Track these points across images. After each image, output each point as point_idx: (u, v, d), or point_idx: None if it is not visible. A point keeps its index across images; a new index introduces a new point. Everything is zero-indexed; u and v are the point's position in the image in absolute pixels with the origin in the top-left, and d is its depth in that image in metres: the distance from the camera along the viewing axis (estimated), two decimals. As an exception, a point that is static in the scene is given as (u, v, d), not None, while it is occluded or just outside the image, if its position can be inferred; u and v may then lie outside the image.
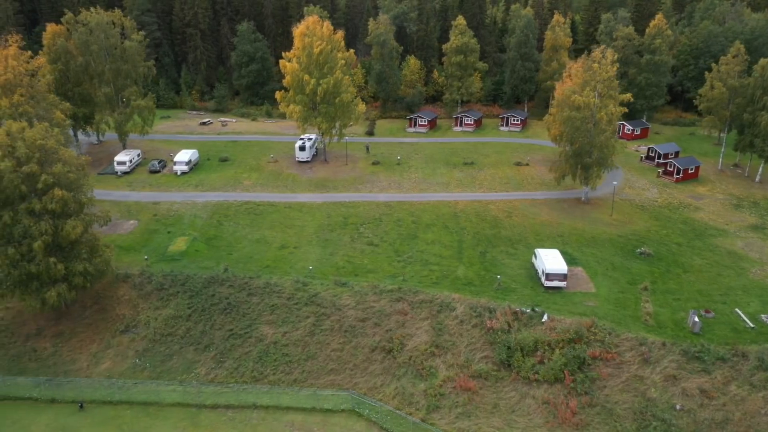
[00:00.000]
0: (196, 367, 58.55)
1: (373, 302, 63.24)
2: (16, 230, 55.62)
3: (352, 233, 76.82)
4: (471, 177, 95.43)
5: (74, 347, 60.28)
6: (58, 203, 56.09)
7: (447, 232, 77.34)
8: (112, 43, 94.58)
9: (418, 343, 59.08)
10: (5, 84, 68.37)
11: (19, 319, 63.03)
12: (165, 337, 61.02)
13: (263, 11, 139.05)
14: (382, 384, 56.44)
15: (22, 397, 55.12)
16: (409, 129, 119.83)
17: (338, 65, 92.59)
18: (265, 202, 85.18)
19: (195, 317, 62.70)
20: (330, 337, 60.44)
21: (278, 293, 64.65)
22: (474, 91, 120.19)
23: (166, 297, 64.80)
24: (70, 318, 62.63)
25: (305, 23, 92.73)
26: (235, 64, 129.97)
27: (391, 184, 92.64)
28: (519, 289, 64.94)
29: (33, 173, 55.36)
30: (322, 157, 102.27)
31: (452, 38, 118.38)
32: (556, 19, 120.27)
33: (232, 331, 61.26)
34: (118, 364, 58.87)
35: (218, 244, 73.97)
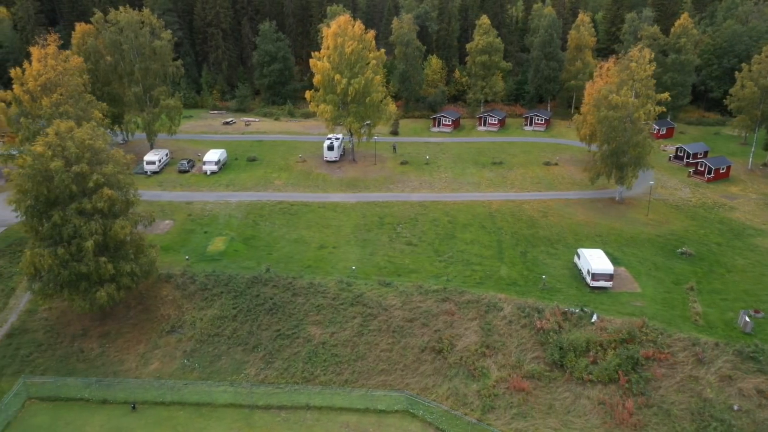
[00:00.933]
0: (245, 367, 58.24)
1: (419, 302, 62.97)
2: (66, 230, 55.25)
3: (389, 233, 76.53)
4: (501, 177, 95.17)
5: (121, 348, 59.97)
6: (107, 203, 55.82)
7: (485, 232, 77.07)
8: (141, 42, 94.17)
9: (468, 343, 58.81)
10: (46, 83, 68.02)
11: (63, 319, 62.73)
12: (212, 338, 60.72)
13: (284, 11, 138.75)
14: (434, 384, 56.17)
15: (74, 397, 54.80)
16: (434, 129, 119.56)
17: (369, 65, 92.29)
18: (299, 202, 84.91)
19: (241, 317, 62.39)
20: (378, 337, 60.15)
21: (323, 293, 64.36)
22: (498, 91, 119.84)
23: (210, 297, 64.50)
24: (115, 318, 62.32)
25: (337, 23, 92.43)
26: (256, 63, 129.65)
27: (423, 184, 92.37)
28: (564, 289, 64.68)
29: (83, 173, 55.03)
30: (351, 157, 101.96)
31: (476, 38, 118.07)
32: (581, 19, 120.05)
33: (280, 331, 60.95)
34: (166, 364, 58.56)
35: (257, 244, 73.67)
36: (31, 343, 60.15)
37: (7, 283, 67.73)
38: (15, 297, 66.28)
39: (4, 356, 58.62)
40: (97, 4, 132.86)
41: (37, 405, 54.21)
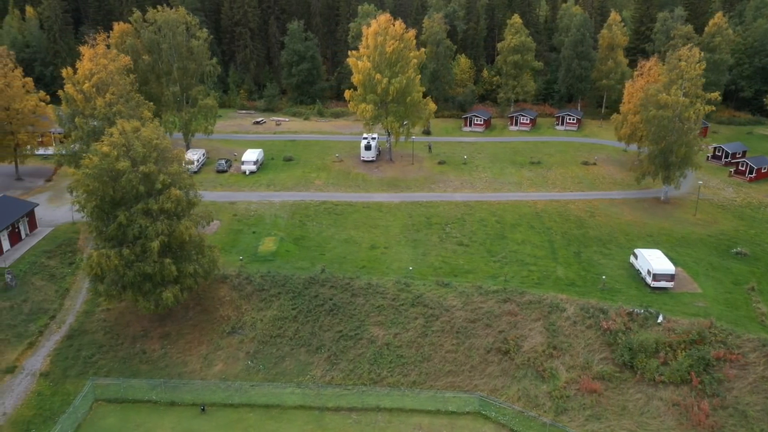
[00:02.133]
0: (310, 369, 57.82)
1: (480, 303, 62.53)
2: (131, 231, 54.81)
3: (438, 233, 76.09)
4: (542, 176, 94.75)
5: (183, 349, 59.50)
6: (173, 203, 55.39)
7: (534, 232, 76.65)
8: (179, 41, 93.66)
9: (534, 344, 58.38)
10: (98, 83, 67.49)
11: (122, 320, 62.27)
12: (274, 339, 60.28)
13: (311, 10, 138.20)
14: (503, 386, 55.76)
15: (141, 399, 54.35)
16: (465, 128, 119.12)
17: (410, 64, 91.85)
18: (343, 202, 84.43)
19: (301, 318, 61.94)
20: (442, 338, 59.72)
21: (382, 294, 63.91)
22: (529, 90, 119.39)
23: (268, 298, 64.04)
24: (174, 319, 61.84)
25: (377, 22, 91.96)
26: (284, 63, 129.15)
27: (464, 184, 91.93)
28: (624, 290, 64.23)
29: (151, 173, 54.58)
30: (387, 157, 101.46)
31: (508, 37, 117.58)
32: (613, 18, 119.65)
33: (342, 332, 60.51)
34: (230, 366, 58.11)
35: (307, 244, 73.21)
36: (92, 344, 59.68)
37: (60, 284, 67.24)
38: (69, 298, 65.83)
39: (66, 358, 58.15)
40: (124, 4, 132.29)
41: (105, 407, 53.73)
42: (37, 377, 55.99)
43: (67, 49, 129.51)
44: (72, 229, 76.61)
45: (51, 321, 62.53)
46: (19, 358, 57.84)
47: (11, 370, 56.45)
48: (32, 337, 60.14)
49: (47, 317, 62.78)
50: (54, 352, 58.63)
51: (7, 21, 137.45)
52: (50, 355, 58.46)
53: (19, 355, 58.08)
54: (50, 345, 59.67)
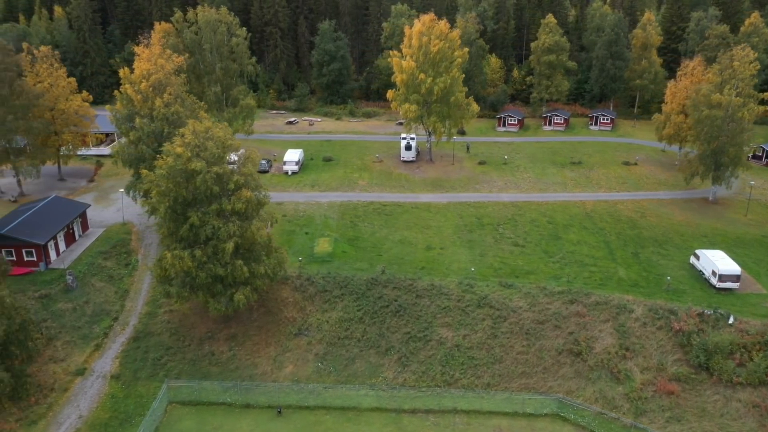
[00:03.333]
0: (381, 370, 57.44)
1: (546, 304, 62.22)
2: (204, 232, 54.38)
3: (492, 234, 75.77)
4: (585, 177, 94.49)
5: (251, 351, 59.09)
6: (245, 204, 55.00)
7: (588, 232, 76.35)
8: (219, 40, 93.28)
9: (606, 345, 58.06)
10: (156, 83, 67.05)
11: (186, 322, 61.85)
12: (341, 340, 59.89)
13: (339, 9, 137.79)
14: (577, 388, 55.43)
15: (215, 402, 53.90)
16: (499, 128, 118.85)
17: (455, 64, 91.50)
18: (390, 203, 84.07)
19: (367, 320, 61.56)
20: (512, 339, 59.39)
21: (446, 295, 63.57)
22: (563, 90, 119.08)
23: (332, 299, 63.65)
24: (239, 321, 61.41)
25: (421, 21, 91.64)
26: (315, 62, 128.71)
27: (508, 184, 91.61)
28: (689, 291, 63.97)
29: (225, 173, 54.20)
30: (428, 157, 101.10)
31: (542, 37, 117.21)
32: (647, 18, 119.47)
33: (410, 333, 60.15)
34: (300, 367, 57.72)
35: (362, 245, 72.84)
36: (159, 346, 59.26)
37: (119, 285, 66.84)
38: (130, 299, 65.43)
39: (134, 360, 57.76)
40: (153, 4, 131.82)
41: (180, 409, 53.31)
42: (108, 379, 55.57)
43: (96, 48, 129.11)
44: (123, 229, 76.28)
45: (114, 323, 62.13)
46: (88, 360, 57.42)
47: (81, 372, 56.04)
48: (98, 339, 59.75)
49: (110, 319, 62.38)
50: (122, 354, 58.22)
51: (34, 21, 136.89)
52: (118, 357, 58.04)
53: (87, 357, 57.67)
54: (116, 347, 59.26)
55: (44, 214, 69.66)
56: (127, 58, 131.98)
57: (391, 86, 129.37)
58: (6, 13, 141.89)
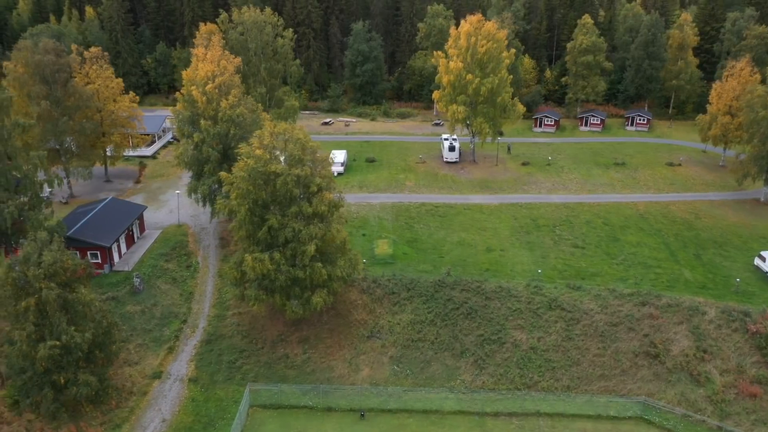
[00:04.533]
0: (458, 373, 57.20)
1: (617, 306, 61.99)
2: (283, 234, 54.08)
3: (550, 235, 75.53)
4: (631, 178, 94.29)
5: (325, 353, 58.81)
6: (326, 206, 54.75)
7: (645, 234, 76.13)
8: (265, 41, 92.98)
9: (683, 347, 57.85)
10: (220, 85, 66.72)
11: (256, 324, 61.56)
12: (415, 343, 59.64)
13: (371, 10, 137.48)
14: (657, 390, 55.19)
15: (297, 405, 53.61)
16: (536, 129, 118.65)
17: (503, 64, 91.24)
18: (442, 204, 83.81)
19: (439, 322, 61.31)
20: (587, 342, 59.16)
21: (516, 297, 63.34)
22: (600, 91, 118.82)
23: (400, 302, 63.40)
24: (310, 323, 61.10)
25: (469, 22, 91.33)
26: (348, 63, 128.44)
27: (555, 185, 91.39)
28: (758, 293, 63.80)
29: (306, 176, 53.93)
30: (471, 158, 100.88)
31: (579, 37, 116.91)
32: (684, 18, 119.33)
33: (483, 336, 59.91)
34: (376, 370, 57.45)
35: (422, 246, 72.59)
36: (232, 349, 58.98)
37: (183, 287, 66.58)
38: (195, 302, 65.17)
39: (210, 363, 57.47)
40: (185, 4, 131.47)
41: (261, 413, 53.01)
42: (186, 383, 55.28)
43: (128, 49, 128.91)
44: (179, 231, 76.05)
45: (183, 325, 61.86)
46: (162, 364, 57.14)
47: (158, 376, 55.76)
48: (170, 341, 59.47)
49: (179, 321, 62.10)
50: (196, 357, 57.93)
51: (64, 22, 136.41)
52: (193, 360, 57.76)
53: (162, 360, 57.39)
54: (189, 350, 58.98)
55: (105, 216, 69.39)
56: (159, 58, 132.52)
57: (423, 87, 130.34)
58: (35, 14, 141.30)
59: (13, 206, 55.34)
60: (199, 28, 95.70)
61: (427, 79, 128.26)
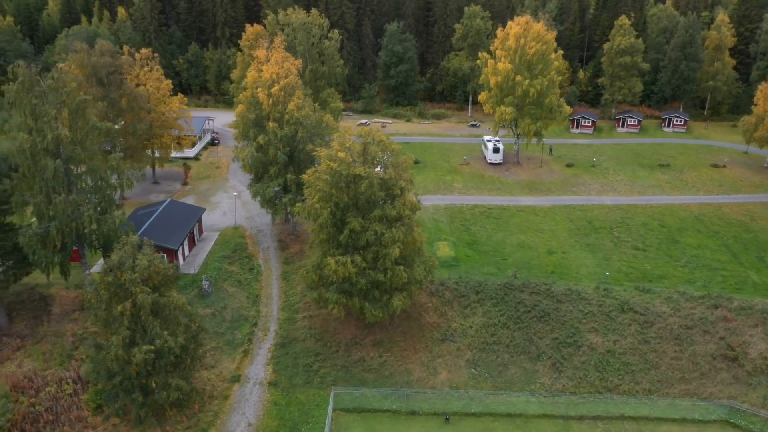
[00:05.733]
0: (537, 377, 57.00)
1: (690, 309, 61.84)
2: (364, 237, 53.81)
3: (609, 237, 75.40)
4: (678, 179, 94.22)
5: (401, 357, 58.56)
6: (409, 209, 54.55)
7: (704, 236, 76.04)
8: (313, 43, 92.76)
9: (761, 350, 57.72)
10: (286, 87, 66.45)
11: (328, 328, 61.30)
12: (490, 346, 59.44)
13: (404, 11, 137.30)
14: (738, 393, 55.06)
15: (380, 409, 53.37)
16: (573, 130, 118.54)
17: (551, 66, 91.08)
18: (494, 206, 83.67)
19: (512, 325, 61.12)
20: (663, 345, 59.00)
21: (587, 300, 63.15)
22: (636, 92, 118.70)
23: (471, 305, 63.20)
24: (382, 327, 60.83)
25: (518, 23, 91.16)
26: (382, 64, 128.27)
27: (604, 187, 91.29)
28: (828, 295, 63.74)
29: (390, 178, 53.73)
30: (515, 159, 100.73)
31: (617, 39, 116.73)
32: (721, 19, 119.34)
33: (558, 339, 59.72)
34: (454, 374, 57.23)
35: (483, 249, 72.43)
36: (307, 352, 58.72)
37: (248, 290, 66.36)
38: (262, 304, 64.96)
39: (287, 366, 57.20)
40: (217, 5, 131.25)
41: (344, 416, 52.78)
42: (266, 386, 54.99)
43: (161, 50, 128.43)
44: (237, 233, 75.81)
45: (254, 328, 61.60)
46: (239, 367, 56.87)
47: (237, 379, 55.48)
48: (244, 345, 59.20)
49: (250, 324, 61.86)
50: (273, 361, 57.65)
51: (94, 23, 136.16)
52: (269, 363, 57.48)
53: (238, 364, 57.11)
54: (264, 353, 58.71)
55: (167, 219, 69.12)
56: (191, 59, 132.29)
57: (457, 87, 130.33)
58: (65, 14, 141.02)
59: (92, 209, 55.03)
60: (245, 29, 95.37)
61: (461, 80, 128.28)
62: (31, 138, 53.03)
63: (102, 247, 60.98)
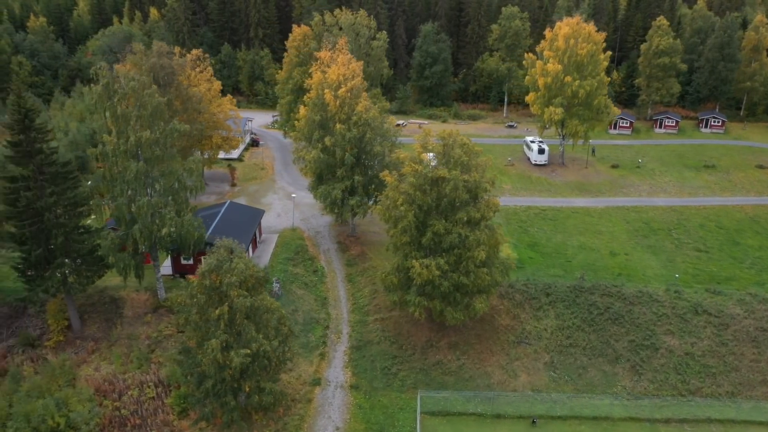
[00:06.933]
0: (617, 379, 56.79)
1: (764, 311, 61.68)
2: (447, 239, 53.55)
3: (669, 239, 75.25)
4: (726, 180, 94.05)
5: (478, 360, 58.33)
6: (492, 211, 54.37)
7: (763, 237, 75.97)
8: (360, 43, 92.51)
9: (841, 353, 57.61)
10: (352, 89, 66.18)
11: (401, 330, 61.03)
12: (567, 349, 59.23)
13: (437, 11, 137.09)
14: (822, 396, 54.93)
15: (464, 412, 53.12)
16: (611, 131, 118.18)
17: (600, 67, 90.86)
18: (548, 207, 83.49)
19: (586, 328, 60.91)
20: (741, 347, 58.82)
21: (659, 302, 62.94)
22: (674, 93, 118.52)
23: (541, 307, 62.99)
24: (455, 329, 60.54)
25: (567, 24, 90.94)
26: (416, 64, 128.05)
27: (654, 189, 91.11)
28: None
29: (474, 180, 53.50)
30: (559, 160, 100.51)
31: (655, 39, 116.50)
32: (759, 19, 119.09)
33: (635, 341, 59.50)
34: (534, 376, 57.02)
35: (544, 251, 72.23)
36: (384, 355, 58.48)
37: (315, 292, 66.17)
38: (331, 307, 64.81)
39: (365, 370, 56.96)
40: (251, 5, 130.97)
41: (431, 420, 52.48)
42: (348, 390, 54.75)
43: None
44: (295, 235, 75.57)
45: (326, 331, 61.39)
46: (318, 370, 56.62)
47: (318, 383, 55.22)
48: (320, 348, 58.97)
49: (322, 327, 61.64)
50: (351, 364, 57.42)
51: (124, 23, 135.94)
52: (347, 366, 57.24)
53: (316, 367, 56.88)
54: (340, 356, 58.48)
55: (230, 220, 68.81)
56: (224, 60, 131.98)
57: (491, 88, 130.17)
58: (95, 15, 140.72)
59: (174, 211, 54.78)
60: (291, 30, 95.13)
61: (495, 80, 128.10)
62: (114, 140, 52.80)
63: (173, 248, 60.95)
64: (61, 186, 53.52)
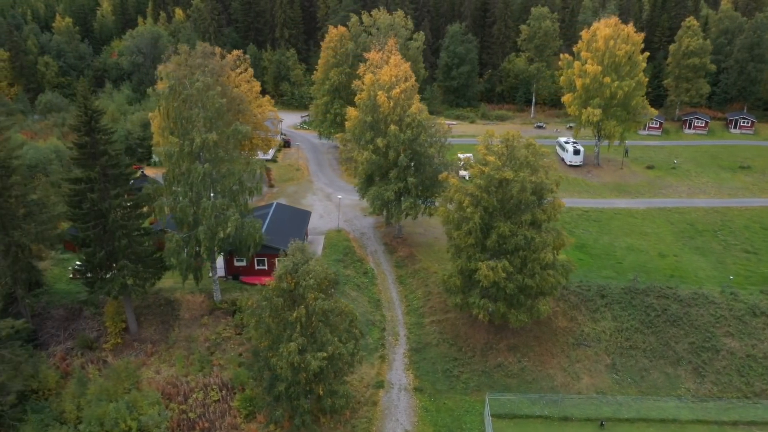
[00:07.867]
0: (680, 381, 56.59)
1: (822, 313, 61.56)
2: (512, 241, 53.34)
3: (715, 240, 75.08)
4: (764, 181, 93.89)
5: (539, 362, 58.13)
6: (558, 212, 54.18)
7: (810, 238, 75.86)
8: (399, 44, 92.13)
9: None
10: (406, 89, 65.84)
11: (459, 332, 60.83)
12: (628, 351, 59.03)
13: (462, 12, 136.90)
14: None
15: (531, 415, 52.92)
16: (641, 132, 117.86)
17: (639, 68, 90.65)
18: (591, 208, 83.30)
19: (645, 330, 60.71)
20: (802, 349, 58.72)
21: (715, 304, 62.74)
22: (704, 93, 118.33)
23: (597, 309, 62.79)
24: (513, 331, 60.33)
25: (606, 24, 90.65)
26: (443, 65, 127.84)
27: (693, 189, 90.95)
28: None
29: (541, 182, 53.30)
30: (594, 161, 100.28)
31: (685, 40, 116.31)
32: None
33: (695, 343, 59.32)
34: (596, 379, 56.82)
35: (594, 252, 72.03)
36: (443, 357, 58.28)
37: (367, 294, 66.01)
38: (385, 309, 64.64)
39: (427, 372, 56.75)
40: (276, 5, 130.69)
41: (499, 422, 52.15)
42: (412, 392, 54.54)
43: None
44: (341, 236, 75.37)
45: (383, 333, 61.20)
46: (380, 373, 56.42)
47: (381, 385, 54.99)
48: (379, 350, 58.80)
49: (378, 329, 61.47)
50: (412, 366, 57.23)
51: (148, 23, 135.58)
52: (408, 368, 57.05)
53: (378, 369, 56.68)
54: (400, 358, 58.28)
55: (280, 221, 68.65)
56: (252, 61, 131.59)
57: (518, 89, 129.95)
58: (119, 15, 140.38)
59: (238, 213, 54.54)
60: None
61: (522, 81, 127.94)
62: (180, 142, 52.55)
63: (231, 250, 60.77)
64: (124, 187, 53.34)
